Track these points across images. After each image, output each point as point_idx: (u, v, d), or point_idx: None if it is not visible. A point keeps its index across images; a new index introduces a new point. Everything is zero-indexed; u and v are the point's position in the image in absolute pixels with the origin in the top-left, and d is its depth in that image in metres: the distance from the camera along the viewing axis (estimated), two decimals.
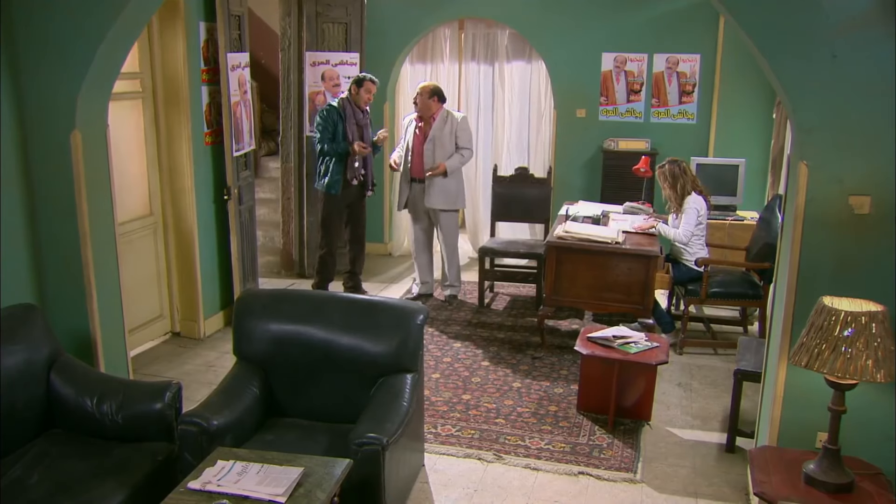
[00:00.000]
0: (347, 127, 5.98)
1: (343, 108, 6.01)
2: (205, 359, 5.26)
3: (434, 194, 6.13)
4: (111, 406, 3.37)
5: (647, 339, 4.45)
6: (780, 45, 3.13)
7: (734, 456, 4.08)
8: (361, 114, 6.07)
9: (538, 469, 3.94)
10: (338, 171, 6.03)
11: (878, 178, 3.10)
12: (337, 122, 5.99)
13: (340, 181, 6.04)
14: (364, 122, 6.10)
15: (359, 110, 6.05)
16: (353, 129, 6.01)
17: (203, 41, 5.44)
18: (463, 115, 6.25)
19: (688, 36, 6.87)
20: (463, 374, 5.05)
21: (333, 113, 5.99)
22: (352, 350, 3.54)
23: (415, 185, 6.23)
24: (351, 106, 6.02)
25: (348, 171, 6.04)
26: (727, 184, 6.32)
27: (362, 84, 6.03)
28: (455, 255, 6.44)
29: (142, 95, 5.27)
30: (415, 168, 6.19)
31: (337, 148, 5.99)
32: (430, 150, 6.08)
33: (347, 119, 5.98)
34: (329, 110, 6.03)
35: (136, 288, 5.13)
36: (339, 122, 5.98)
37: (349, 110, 6.00)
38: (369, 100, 6.07)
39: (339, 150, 5.99)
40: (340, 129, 5.98)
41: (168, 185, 5.44)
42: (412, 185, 6.24)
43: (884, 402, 3.21)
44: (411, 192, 6.27)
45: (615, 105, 7.13)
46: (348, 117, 5.98)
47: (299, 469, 2.79)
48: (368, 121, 6.17)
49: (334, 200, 6.12)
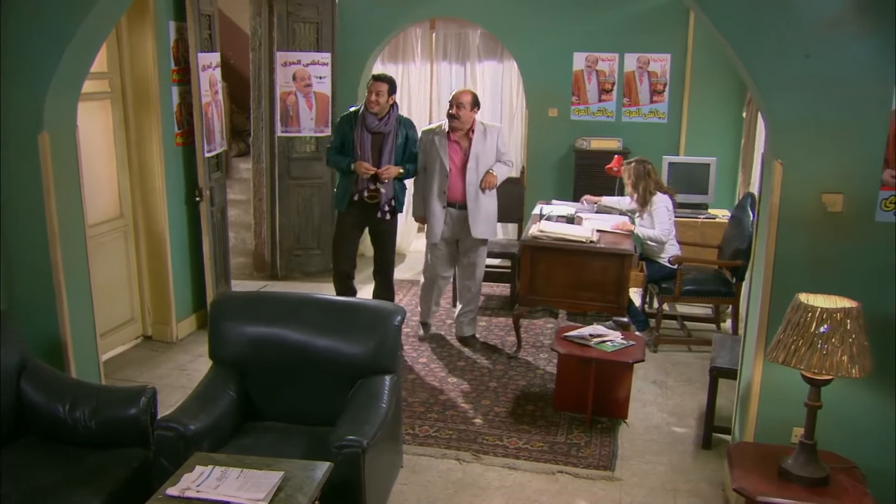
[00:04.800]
0: (356, 135, 5.13)
1: (356, 115, 5.19)
2: (178, 362, 5.19)
3: (481, 221, 5.23)
4: (84, 412, 3.30)
5: (623, 338, 4.47)
6: (754, 45, 3.17)
7: (710, 452, 4.11)
8: (378, 120, 5.11)
9: (516, 468, 3.94)
10: (344, 184, 5.23)
11: (850, 176, 3.16)
12: (347, 131, 5.20)
13: (347, 197, 5.20)
14: (383, 129, 5.13)
15: (373, 116, 5.11)
16: (364, 138, 5.11)
17: (173, 41, 5.36)
18: (499, 126, 5.56)
19: (658, 36, 6.93)
20: (439, 375, 5.04)
21: (344, 120, 5.29)
22: (329, 352, 3.51)
23: (452, 210, 5.25)
24: (364, 111, 5.14)
25: (354, 185, 5.17)
26: (699, 182, 6.39)
27: (368, 85, 5.18)
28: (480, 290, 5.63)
29: (110, 96, 5.18)
30: (454, 191, 5.21)
31: (337, 162, 5.24)
32: (475, 169, 5.18)
33: (357, 126, 5.14)
34: (342, 118, 5.36)
35: (107, 291, 5.04)
36: (349, 132, 5.18)
37: (361, 117, 5.14)
38: (376, 101, 5.06)
39: (339, 165, 5.22)
40: (349, 138, 5.18)
41: (138, 186, 5.36)
42: (448, 212, 5.26)
43: (856, 397, 3.27)
44: (448, 219, 5.30)
45: (587, 104, 7.16)
46: (358, 125, 5.13)
47: (279, 473, 2.76)
48: (393, 129, 5.15)
49: (340, 218, 5.36)
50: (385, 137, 5.13)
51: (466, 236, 5.29)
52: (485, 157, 5.19)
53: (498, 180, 5.23)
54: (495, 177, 5.20)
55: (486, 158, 5.19)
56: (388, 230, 5.36)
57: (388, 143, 5.13)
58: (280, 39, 6.65)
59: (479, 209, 5.20)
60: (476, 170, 5.17)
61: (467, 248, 5.36)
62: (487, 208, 5.25)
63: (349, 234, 5.35)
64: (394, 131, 5.14)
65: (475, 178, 5.17)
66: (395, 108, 5.19)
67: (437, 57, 7.93)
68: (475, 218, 5.20)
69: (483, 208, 5.22)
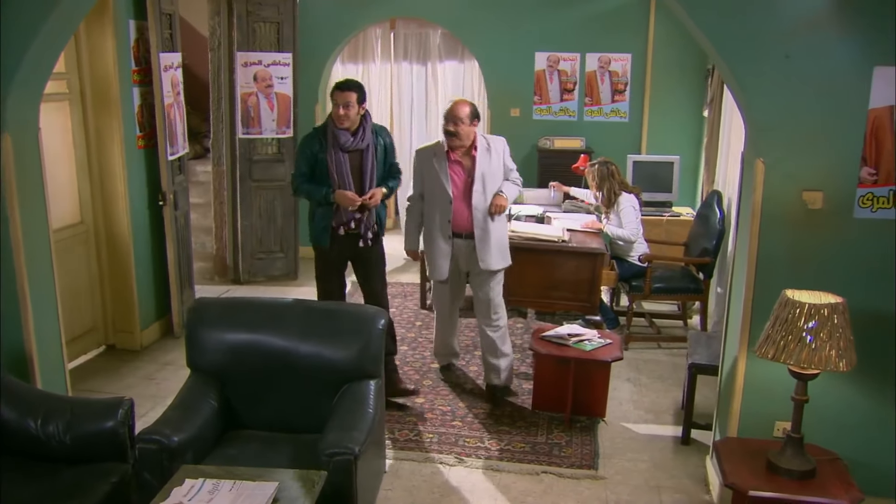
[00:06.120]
0: (329, 158, 4.32)
1: (323, 133, 4.38)
2: (145, 371, 5.03)
3: (492, 252, 4.46)
4: (58, 427, 3.16)
5: (599, 336, 4.49)
6: (735, 45, 3.21)
7: (690, 448, 4.15)
8: (351, 136, 4.33)
9: (500, 470, 3.92)
10: (323, 216, 4.42)
11: (829, 173, 3.23)
12: (315, 152, 4.35)
13: (328, 230, 4.42)
14: (360, 146, 4.36)
15: (345, 132, 4.32)
16: (340, 161, 4.32)
17: (133, 40, 5.21)
18: (503, 138, 4.66)
19: (619, 35, 7.02)
20: (413, 378, 4.99)
21: (309, 142, 4.39)
22: (312, 357, 3.44)
23: (458, 241, 4.49)
24: (333, 127, 4.34)
25: (334, 217, 4.41)
26: (663, 180, 6.47)
27: (332, 95, 4.34)
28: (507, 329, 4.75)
29: (68, 97, 5.00)
30: (459, 220, 4.44)
31: (311, 193, 4.39)
32: (481, 191, 4.40)
33: (329, 147, 4.33)
34: (305, 138, 4.46)
35: (67, 300, 4.83)
36: (320, 153, 4.34)
37: (332, 134, 4.33)
38: (346, 115, 4.26)
39: (314, 196, 4.39)
40: (320, 162, 4.35)
41: (99, 191, 5.18)
42: (454, 243, 4.51)
43: (836, 390, 3.34)
44: (454, 252, 4.54)
45: (549, 104, 7.21)
46: (329, 145, 4.32)
47: (273, 484, 2.68)
48: (370, 143, 4.39)
49: (325, 254, 4.49)
50: (364, 155, 4.38)
51: (477, 269, 4.52)
52: (491, 177, 4.44)
53: (508, 203, 4.52)
54: (506, 199, 4.46)
55: (492, 178, 4.44)
56: (374, 257, 4.61)
57: (367, 161, 4.39)
58: (240, 39, 6.51)
59: (489, 237, 4.44)
60: (483, 192, 4.40)
61: (480, 281, 4.55)
62: (499, 235, 4.50)
63: (336, 274, 4.60)
64: (372, 145, 4.40)
65: (483, 202, 4.40)
66: (367, 117, 4.42)
67: (397, 57, 7.89)
68: (485, 248, 4.44)
69: (493, 236, 4.46)
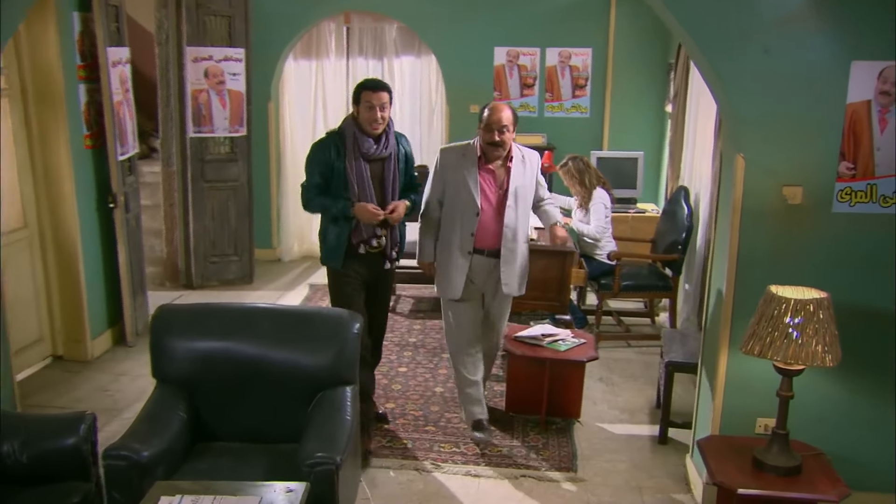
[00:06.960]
0: (349, 167, 3.82)
1: (343, 138, 3.85)
2: (97, 383, 4.78)
3: (516, 274, 4.04)
4: (13, 445, 2.94)
5: (573, 336, 4.43)
6: (715, 39, 3.17)
7: (668, 447, 4.12)
8: (375, 144, 3.83)
9: (479, 475, 3.83)
10: (338, 233, 3.90)
11: (808, 168, 3.22)
12: (331, 160, 3.84)
13: (343, 249, 3.91)
14: (383, 154, 3.87)
15: (368, 139, 3.82)
16: (362, 170, 3.82)
17: (78, 33, 4.94)
18: (535, 153, 4.15)
19: (579, 30, 6.98)
20: (382, 382, 4.85)
21: (324, 149, 3.86)
22: (286, 365, 3.28)
23: (478, 258, 4.00)
24: (356, 132, 3.83)
25: (354, 233, 3.92)
26: (627, 177, 6.45)
27: (359, 97, 3.81)
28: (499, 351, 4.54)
29: (8, 93, 4.71)
30: (485, 236, 3.95)
31: (327, 207, 3.89)
32: (514, 206, 3.94)
33: (348, 154, 3.83)
34: (318, 145, 3.93)
35: (11, 309, 4.57)
36: (337, 161, 3.84)
37: (352, 140, 3.82)
38: (375, 118, 3.76)
39: (330, 210, 3.88)
40: (339, 170, 3.85)
41: (44, 193, 4.90)
42: (473, 259, 4.01)
43: (818, 385, 3.33)
44: (472, 271, 4.05)
45: (509, 100, 7.11)
46: (349, 151, 3.82)
47: (255, 498, 2.54)
48: (393, 151, 3.92)
49: (340, 277, 3.96)
50: (386, 164, 3.90)
51: (494, 291, 4.11)
52: (524, 193, 3.99)
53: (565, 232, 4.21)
54: (563, 231, 4.17)
55: (525, 194, 4.00)
56: (389, 282, 4.25)
57: (390, 170, 3.91)
58: (190, 33, 6.26)
59: (515, 259, 4.01)
60: (515, 208, 3.95)
61: (496, 306, 4.19)
62: (524, 257, 4.09)
63: (357, 298, 3.96)
64: (394, 153, 3.92)
65: (514, 220, 3.95)
66: (391, 122, 3.94)
67: (352, 52, 7.70)
68: (510, 270, 4.00)
69: (520, 257, 4.04)
